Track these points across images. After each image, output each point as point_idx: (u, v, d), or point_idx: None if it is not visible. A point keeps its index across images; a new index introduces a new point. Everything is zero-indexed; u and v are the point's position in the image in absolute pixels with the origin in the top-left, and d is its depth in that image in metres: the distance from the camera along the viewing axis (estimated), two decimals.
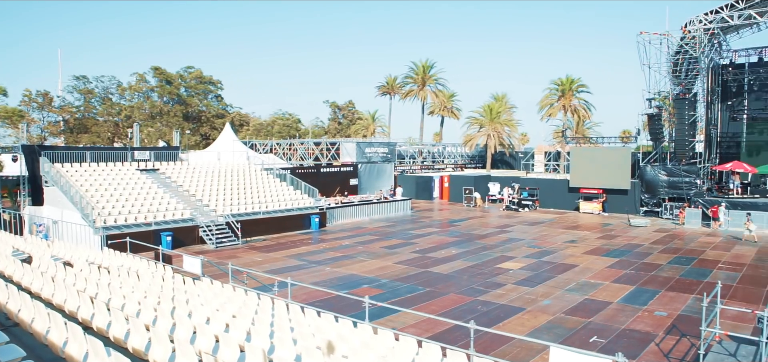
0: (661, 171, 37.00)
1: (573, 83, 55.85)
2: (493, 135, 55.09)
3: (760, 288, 18.46)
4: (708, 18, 34.27)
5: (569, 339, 13.48)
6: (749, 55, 41.60)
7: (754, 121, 42.01)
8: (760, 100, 41.83)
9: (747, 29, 39.20)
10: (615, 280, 19.59)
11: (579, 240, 27.87)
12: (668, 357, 12.48)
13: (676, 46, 35.37)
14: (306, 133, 70.53)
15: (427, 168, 57.37)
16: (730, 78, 42.21)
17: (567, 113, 56.15)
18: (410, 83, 67.25)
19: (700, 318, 10.76)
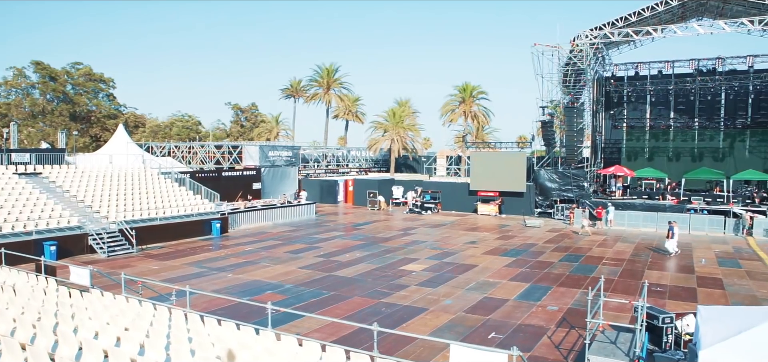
0: (553, 174, 39.37)
1: (473, 90, 58.11)
2: (397, 139, 56.07)
3: (636, 280, 20.11)
4: (593, 34, 36.96)
5: (470, 336, 13.98)
6: (628, 69, 45.50)
7: (632, 128, 46.05)
8: (637, 110, 45.93)
9: (626, 45, 42.78)
10: (512, 278, 20.57)
11: (479, 241, 29.00)
12: (559, 348, 13.28)
13: (566, 58, 37.83)
14: (207, 136, 68.19)
15: (331, 172, 57.35)
16: (612, 89, 45.98)
17: (467, 119, 58.30)
18: (315, 86, 67.01)
19: (586, 311, 11.53)
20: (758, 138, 42.47)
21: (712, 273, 22.10)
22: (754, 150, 42.46)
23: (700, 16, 39.27)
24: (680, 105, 44.63)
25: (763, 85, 42.07)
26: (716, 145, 43.65)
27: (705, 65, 43.00)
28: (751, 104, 42.62)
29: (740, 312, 10.05)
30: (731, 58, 42.52)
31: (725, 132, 43.42)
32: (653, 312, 12.52)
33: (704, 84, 43.45)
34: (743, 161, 41.85)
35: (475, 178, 41.97)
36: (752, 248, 28.21)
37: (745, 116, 42.87)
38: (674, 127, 44.86)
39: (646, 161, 44.71)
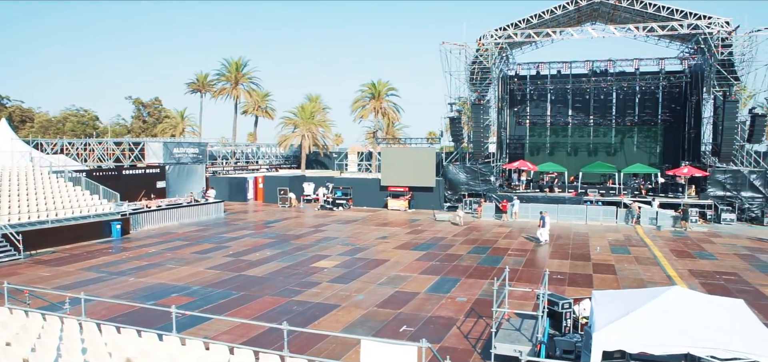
0: (461, 169, 40.56)
1: (383, 87, 58.70)
2: (308, 135, 55.59)
3: (539, 269, 21.15)
4: (498, 34, 38.42)
5: (382, 330, 14.11)
6: (530, 69, 47.80)
7: (535, 125, 48.41)
8: (538, 108, 48.32)
9: (528, 46, 44.82)
10: (422, 272, 20.97)
11: (390, 236, 29.34)
12: (467, 338, 13.70)
13: (473, 57, 39.02)
14: (105, 132, 64.28)
15: (241, 169, 55.89)
16: (515, 87, 48.09)
17: (378, 115, 58.83)
18: (223, 81, 64.92)
19: (492, 300, 11.97)
20: (644, 134, 46.08)
21: (606, 259, 23.68)
22: (641, 145, 46.02)
23: (594, 20, 41.90)
24: (577, 103, 47.45)
25: (648, 87, 45.64)
26: (609, 140, 46.83)
27: (598, 66, 46.00)
28: (637, 103, 46.11)
29: (629, 295, 10.81)
30: (621, 61, 45.77)
31: (616, 129, 46.67)
32: (554, 298, 13.19)
33: (598, 84, 46.46)
34: (632, 156, 45.23)
35: (386, 174, 42.43)
36: (640, 236, 30.51)
37: (633, 114, 46.32)
38: (572, 124, 47.65)
39: (548, 156, 47.17)
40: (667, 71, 44.95)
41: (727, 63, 34.99)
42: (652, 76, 45.42)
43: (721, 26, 34.72)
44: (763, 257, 24.71)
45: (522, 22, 38.35)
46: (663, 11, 35.78)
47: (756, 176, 35.50)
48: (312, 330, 13.24)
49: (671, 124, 45.21)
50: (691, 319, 8.87)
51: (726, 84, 35.41)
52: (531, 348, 10.98)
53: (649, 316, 9.01)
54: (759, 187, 35.43)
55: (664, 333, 8.67)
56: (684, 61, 43.95)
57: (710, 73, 36.66)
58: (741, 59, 35.09)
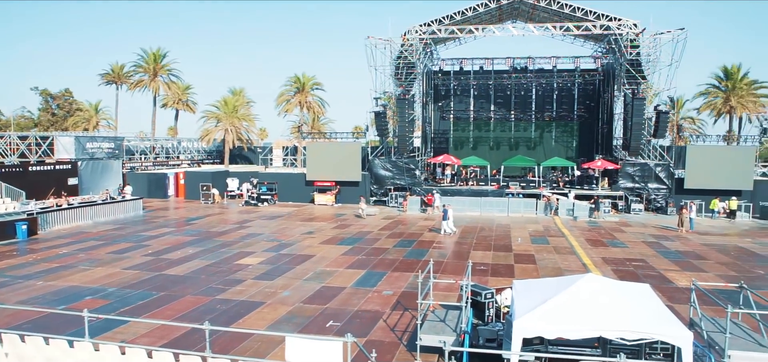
0: (386, 163, 40.84)
1: (309, 81, 58.03)
2: (231, 129, 54.15)
3: (463, 261, 21.64)
4: (422, 29, 38.91)
5: (308, 326, 13.98)
6: (454, 65, 48.78)
7: (458, 120, 49.50)
8: (462, 103, 49.42)
9: (451, 42, 45.76)
10: (348, 266, 20.95)
11: (316, 231, 29.12)
12: (394, 330, 13.81)
13: (398, 52, 39.35)
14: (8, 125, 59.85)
15: (161, 164, 53.68)
16: (440, 83, 48.94)
17: (303, 109, 58.12)
18: (140, 72, 61.85)
19: (417, 293, 12.12)
20: (561, 129, 48.19)
21: (527, 250, 24.59)
22: (558, 140, 48.09)
23: (514, 19, 43.31)
24: (499, 99, 48.93)
25: (565, 84, 47.73)
26: (529, 135, 48.64)
27: (519, 63, 47.67)
28: (555, 100, 48.12)
29: (546, 284, 11.26)
30: (540, 58, 47.62)
31: (536, 124, 48.54)
32: (477, 289, 13.53)
33: (518, 80, 48.14)
34: (550, 149, 47.19)
35: (312, 168, 42.08)
36: (558, 226, 31.89)
37: (551, 110, 48.31)
38: (494, 119, 49.10)
39: (471, 150, 48.37)
40: (582, 69, 47.21)
41: (635, 62, 37.20)
42: (569, 74, 47.54)
43: (630, 28, 36.83)
44: (667, 244, 26.49)
45: (446, 19, 39.06)
46: (578, 12, 37.51)
47: (661, 168, 37.97)
48: (236, 329, 12.92)
49: (586, 120, 47.52)
50: (602, 304, 9.35)
51: (634, 82, 37.61)
52: (455, 339, 11.21)
53: (565, 303, 9.42)
54: (663, 179, 37.93)
55: (578, 318, 9.09)
56: (597, 60, 46.29)
57: (620, 71, 38.82)
58: (647, 59, 37.38)
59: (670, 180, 38.08)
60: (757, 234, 29.98)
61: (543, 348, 10.16)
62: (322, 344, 8.13)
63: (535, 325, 9.22)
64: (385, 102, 41.49)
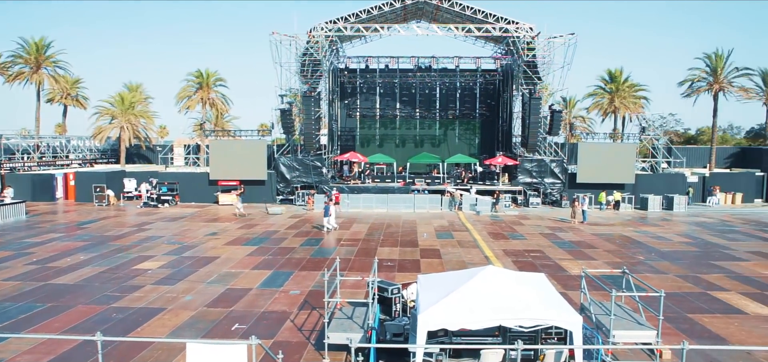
0: (293, 162, 40.33)
1: (211, 76, 56.16)
2: (128, 127, 51.30)
3: (370, 258, 21.81)
4: (328, 27, 38.77)
5: (212, 331, 13.52)
6: (360, 62, 49.01)
7: (365, 118, 49.81)
8: (368, 101, 49.79)
9: (358, 40, 45.97)
10: (254, 267, 20.48)
11: (220, 232, 28.22)
12: (301, 330, 13.67)
13: (303, 49, 38.96)
14: None
15: (47, 164, 49.79)
16: (346, 80, 49.00)
17: (206, 106, 56.18)
18: (20, 64, 56.82)
19: (324, 291, 12.06)
20: (464, 127, 49.82)
21: (432, 245, 25.20)
22: (461, 137, 49.68)
23: (419, 19, 44.20)
24: (404, 97, 49.75)
25: (467, 83, 49.38)
26: (434, 132, 49.84)
27: (423, 63, 48.72)
28: (458, 98, 49.64)
29: (449, 277, 11.59)
30: (443, 58, 48.92)
31: (440, 121, 49.82)
32: (383, 285, 13.67)
33: (423, 79, 49.18)
34: (454, 146, 48.66)
35: (216, 167, 40.71)
36: (462, 221, 32.96)
37: (454, 108, 49.78)
38: (400, 117, 49.86)
39: (378, 147, 48.85)
40: (483, 69, 49.02)
41: (531, 64, 39.23)
42: (471, 73, 49.23)
43: (526, 31, 38.75)
44: (562, 235, 28.15)
45: (352, 17, 39.17)
46: (479, 14, 38.94)
47: (556, 164, 40.33)
48: (133, 339, 12.24)
49: (487, 118, 49.43)
50: (501, 294, 9.77)
51: (531, 83, 39.65)
52: (362, 335, 11.27)
53: (467, 295, 9.75)
54: (558, 174, 40.31)
55: (479, 309, 9.44)
56: (497, 61, 48.25)
57: (518, 72, 40.77)
58: (542, 61, 39.54)
59: (564, 175, 40.53)
60: (638, 224, 32.58)
61: (447, 340, 10.46)
62: (225, 348, 7.88)
63: (439, 318, 9.46)
64: (291, 99, 40.96)
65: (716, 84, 52.66)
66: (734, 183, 44.63)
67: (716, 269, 20.88)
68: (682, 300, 16.54)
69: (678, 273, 20.11)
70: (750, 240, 27.33)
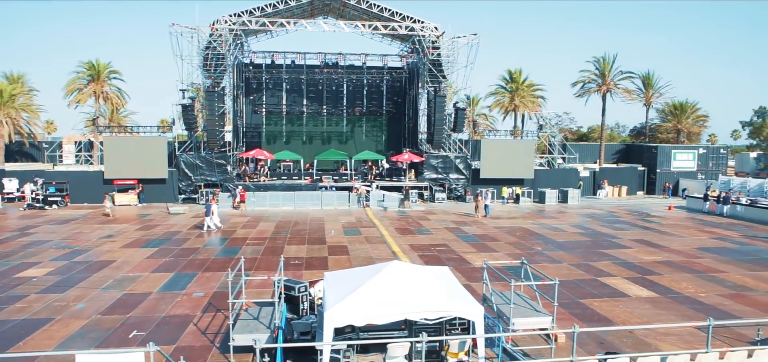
0: (196, 159, 38.84)
1: (104, 68, 52.71)
2: (7, 122, 47.04)
3: (277, 256, 21.43)
4: (232, 20, 37.64)
5: (107, 340, 12.73)
6: (265, 57, 48.05)
7: (271, 114, 48.93)
8: (274, 97, 48.95)
9: (263, 34, 44.98)
10: (154, 270, 19.52)
11: (116, 234, 26.63)
12: (205, 333, 13.19)
13: (206, 42, 37.56)
14: None
15: None
16: (251, 75, 47.84)
17: (100, 100, 52.70)
18: None
19: (229, 292, 11.70)
20: (371, 124, 50.23)
21: (340, 241, 25.21)
22: (369, 134, 50.05)
23: (326, 15, 43.97)
24: (311, 93, 49.36)
25: (374, 80, 49.78)
26: (341, 129, 49.85)
27: (330, 59, 48.56)
28: (365, 95, 49.95)
29: (356, 273, 11.64)
30: (350, 55, 48.98)
31: (347, 118, 49.91)
32: (290, 283, 13.50)
33: (330, 75, 49.02)
34: (361, 143, 48.94)
35: (111, 165, 38.31)
36: (370, 217, 33.22)
37: (361, 105, 50.05)
38: (307, 113, 49.41)
39: (284, 144, 48.15)
40: (390, 67, 49.64)
41: (436, 63, 40.20)
42: (378, 71, 49.67)
43: (432, 31, 39.67)
44: (466, 229, 29.12)
45: (257, 10, 38.26)
46: (385, 12, 39.35)
47: (460, 160, 41.66)
48: (14, 354, 11.28)
49: (394, 115, 50.12)
50: (406, 288, 9.94)
51: (436, 81, 40.65)
52: (269, 335, 11.05)
53: (373, 291, 9.83)
54: (462, 170, 41.67)
55: (384, 304, 9.55)
56: (403, 59, 49.03)
57: (424, 70, 41.66)
58: (447, 60, 40.67)
59: (468, 170, 41.96)
60: (536, 216, 34.37)
61: (354, 336, 10.50)
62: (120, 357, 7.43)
63: (345, 314, 9.47)
64: (193, 94, 39.39)
65: (604, 86, 56.56)
66: (620, 177, 48.33)
67: (605, 257, 22.46)
68: (575, 287, 17.64)
69: (572, 262, 21.42)
70: (633, 230, 29.65)
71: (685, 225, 31.65)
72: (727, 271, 20.29)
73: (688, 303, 16.18)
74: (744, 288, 17.97)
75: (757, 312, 15.28)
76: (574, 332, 8.91)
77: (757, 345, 10.52)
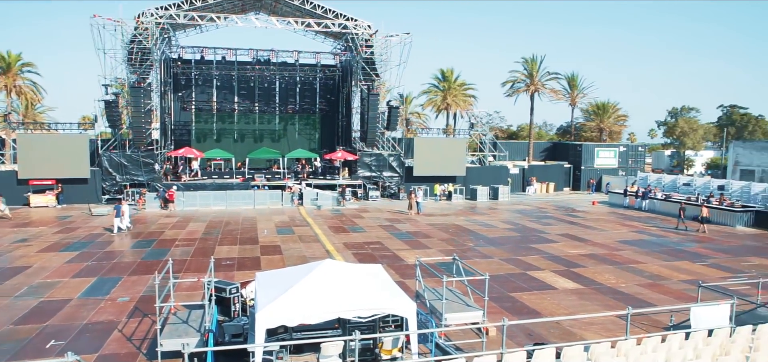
0: (121, 158, 37.17)
1: (15, 60, 49.53)
2: None
3: (208, 257, 20.88)
4: (159, 13, 36.24)
5: (22, 351, 11.98)
6: (195, 53, 46.61)
7: (201, 111, 47.56)
8: (204, 94, 47.60)
9: (192, 29, 43.63)
10: (75, 275, 18.55)
11: (32, 238, 25.09)
12: (131, 340, 12.68)
13: (131, 35, 35.98)
14: None
15: None
16: (179, 71, 46.30)
17: (12, 94, 49.50)
18: None
19: (156, 296, 11.29)
20: (304, 122, 49.80)
21: (273, 241, 24.85)
22: (302, 132, 49.60)
23: (257, 10, 43.12)
24: (243, 90, 48.32)
25: (307, 77, 49.32)
26: (273, 127, 49.11)
27: (262, 56, 47.69)
28: (298, 93, 49.41)
29: (288, 273, 11.52)
30: (283, 52, 48.29)
31: (280, 116, 49.22)
32: (221, 285, 13.20)
33: (262, 72, 48.17)
34: (294, 141, 48.43)
35: (26, 164, 35.94)
36: (303, 216, 32.93)
37: (294, 103, 49.49)
38: (238, 111, 48.35)
39: (215, 142, 46.92)
40: (323, 64, 49.32)
41: (369, 61, 40.34)
42: (311, 68, 49.24)
43: (365, 29, 39.74)
44: (400, 226, 29.40)
45: (185, 3, 37.03)
46: (318, 9, 39.07)
47: (393, 158, 42.00)
48: None
49: (327, 113, 49.88)
50: (339, 287, 9.93)
51: (369, 79, 40.79)
52: (199, 339, 10.75)
53: (305, 290, 9.76)
54: (396, 168, 42.03)
55: (317, 303, 9.50)
56: (337, 57, 48.84)
57: (357, 68, 41.70)
58: (380, 58, 40.87)
59: (401, 168, 42.35)
60: (468, 213, 35.16)
61: (287, 336, 10.38)
62: None
63: (277, 315, 9.35)
64: (118, 90, 37.63)
65: (532, 86, 58.60)
66: (548, 174, 50.24)
67: (533, 251, 23.27)
68: (506, 281, 18.19)
69: (502, 257, 22.06)
70: (560, 224, 30.88)
71: (608, 220, 33.29)
72: (645, 262, 21.51)
73: (610, 293, 17.03)
74: (659, 278, 19.11)
75: (671, 299, 16.30)
76: (504, 325, 9.18)
77: (670, 331, 11.21)
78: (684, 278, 19.06)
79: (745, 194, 35.56)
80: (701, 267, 20.97)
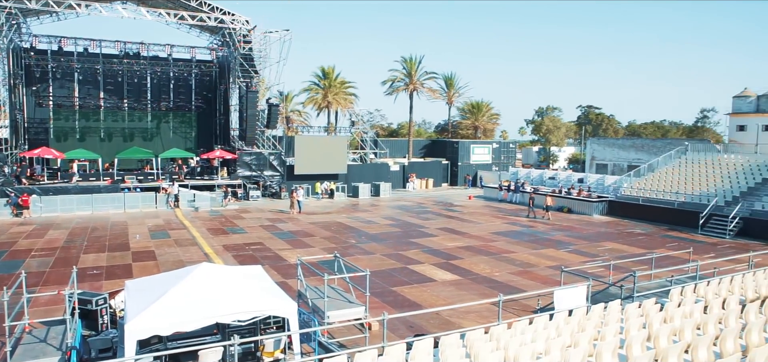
0: None
1: None
2: None
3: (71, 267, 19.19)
4: None
5: None
6: (51, 43, 42.46)
7: (60, 107, 43.45)
8: (64, 88, 43.53)
9: (47, 16, 39.79)
10: None
11: None
12: None
13: None
14: None
15: None
16: (33, 63, 41.91)
17: None
18: None
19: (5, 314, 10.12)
20: (179, 120, 47.32)
21: (147, 246, 23.39)
22: (177, 130, 47.09)
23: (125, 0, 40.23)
24: (109, 86, 44.84)
25: (182, 73, 46.84)
26: (145, 125, 46.15)
27: (131, 48, 44.59)
28: (172, 89, 46.79)
29: (161, 279, 10.88)
30: (154, 45, 45.52)
31: (152, 113, 46.34)
32: (86, 296, 12.22)
33: (131, 67, 44.94)
34: (169, 140, 45.89)
35: None
36: (179, 219, 31.33)
37: (168, 100, 46.77)
38: (105, 107, 44.80)
39: (78, 142, 43.17)
40: (199, 60, 47.15)
41: (248, 57, 39.27)
42: (185, 63, 46.85)
43: (243, 24, 38.60)
44: (281, 226, 28.93)
45: None
46: (193, 2, 37.29)
47: (274, 157, 41.21)
48: None
49: (204, 110, 47.78)
50: (217, 291, 9.52)
51: (248, 76, 39.69)
52: (60, 357, 9.81)
53: (180, 296, 9.25)
54: (277, 166, 41.27)
55: (193, 309, 9.04)
56: (213, 52, 46.96)
57: (235, 65, 40.41)
58: (259, 55, 39.92)
59: (282, 167, 41.67)
60: (350, 211, 35.41)
61: (161, 346, 9.79)
62: None
63: (149, 324, 8.77)
64: None
65: (411, 85, 60.20)
66: (427, 171, 51.96)
67: (414, 246, 23.94)
68: (387, 276, 18.52)
69: (384, 253, 22.45)
70: (439, 219, 32.06)
71: (483, 213, 35.09)
72: (516, 251, 22.94)
73: (485, 282, 17.95)
74: (529, 265, 20.48)
75: (538, 284, 17.52)
76: (384, 319, 9.31)
77: (537, 313, 12.03)
78: (550, 264, 20.57)
79: (600, 186, 39.22)
80: (564, 253, 22.77)
